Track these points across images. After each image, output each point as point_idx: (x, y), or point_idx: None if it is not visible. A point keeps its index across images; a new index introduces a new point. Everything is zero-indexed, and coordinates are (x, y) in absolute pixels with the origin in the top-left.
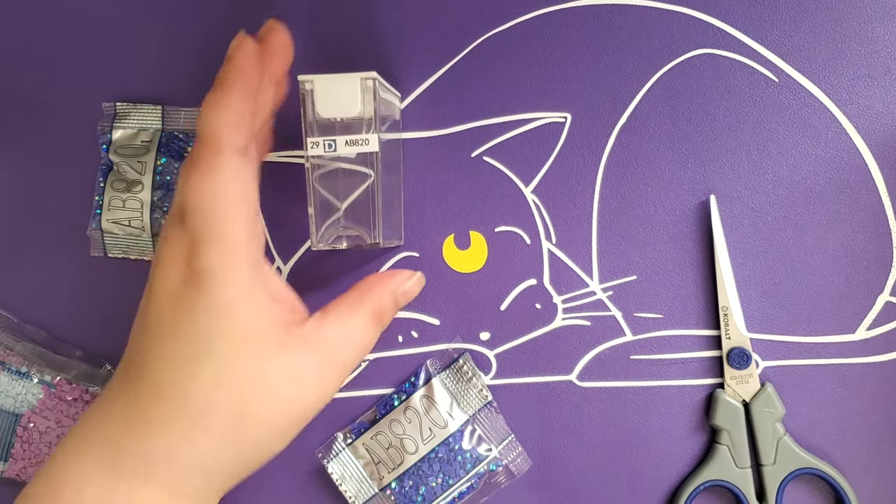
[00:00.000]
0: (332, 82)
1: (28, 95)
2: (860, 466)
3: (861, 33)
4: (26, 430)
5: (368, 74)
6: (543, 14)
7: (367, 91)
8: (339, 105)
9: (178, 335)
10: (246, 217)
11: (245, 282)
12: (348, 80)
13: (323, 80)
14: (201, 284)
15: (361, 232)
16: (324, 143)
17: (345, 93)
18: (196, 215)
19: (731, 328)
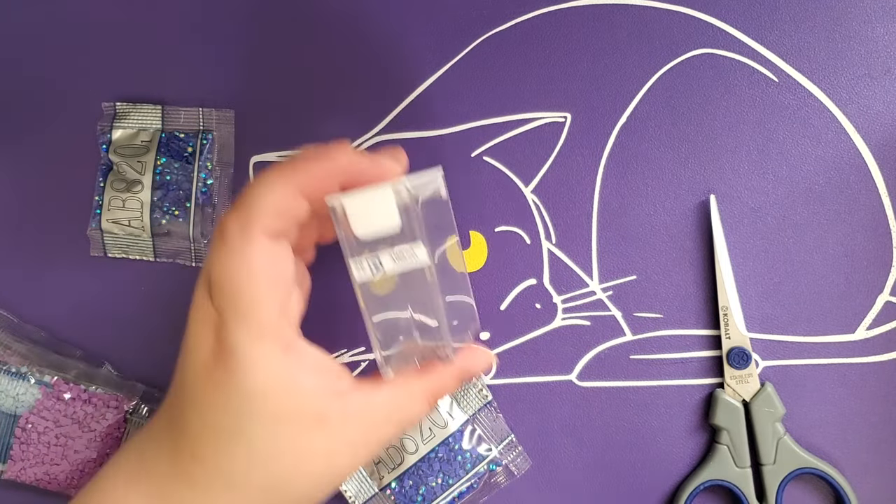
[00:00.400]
0: (362, 200)
1: (28, 95)
2: (860, 466)
3: (861, 33)
4: (25, 431)
5: (398, 184)
6: (543, 14)
7: (402, 199)
8: (376, 222)
9: (213, 408)
10: (274, 300)
11: (275, 363)
12: (379, 195)
13: (352, 200)
14: (229, 365)
15: (432, 345)
16: (369, 263)
17: (378, 208)
18: (221, 293)
19: (730, 328)
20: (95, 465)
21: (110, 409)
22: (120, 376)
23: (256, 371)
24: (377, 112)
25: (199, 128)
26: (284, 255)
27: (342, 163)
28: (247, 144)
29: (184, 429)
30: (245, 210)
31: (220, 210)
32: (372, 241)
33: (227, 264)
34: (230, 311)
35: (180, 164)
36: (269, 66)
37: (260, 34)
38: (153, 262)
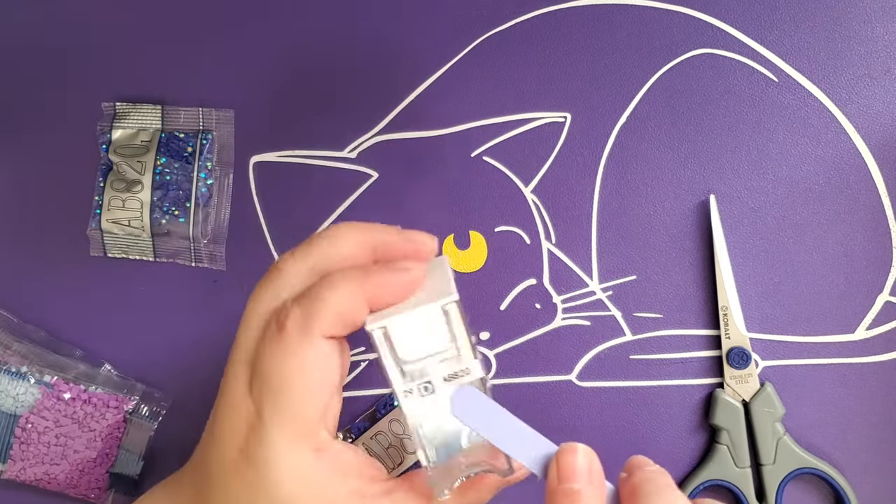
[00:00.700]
0: (410, 321)
1: (28, 95)
2: (860, 466)
3: (861, 33)
4: (24, 431)
5: (446, 300)
6: (543, 14)
7: (451, 317)
8: (422, 343)
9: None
10: (318, 406)
11: (307, 469)
12: (428, 313)
13: (398, 323)
14: (259, 466)
15: (491, 463)
16: (418, 388)
17: (426, 327)
18: (268, 389)
19: (730, 328)
20: (95, 465)
21: (110, 409)
22: (120, 376)
23: (286, 477)
24: (377, 112)
25: (199, 128)
26: (336, 360)
27: (414, 276)
28: (246, 144)
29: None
30: (308, 308)
31: (220, 210)
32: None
33: (281, 362)
34: (270, 409)
35: (180, 164)
36: (269, 66)
37: (260, 34)
38: (153, 261)
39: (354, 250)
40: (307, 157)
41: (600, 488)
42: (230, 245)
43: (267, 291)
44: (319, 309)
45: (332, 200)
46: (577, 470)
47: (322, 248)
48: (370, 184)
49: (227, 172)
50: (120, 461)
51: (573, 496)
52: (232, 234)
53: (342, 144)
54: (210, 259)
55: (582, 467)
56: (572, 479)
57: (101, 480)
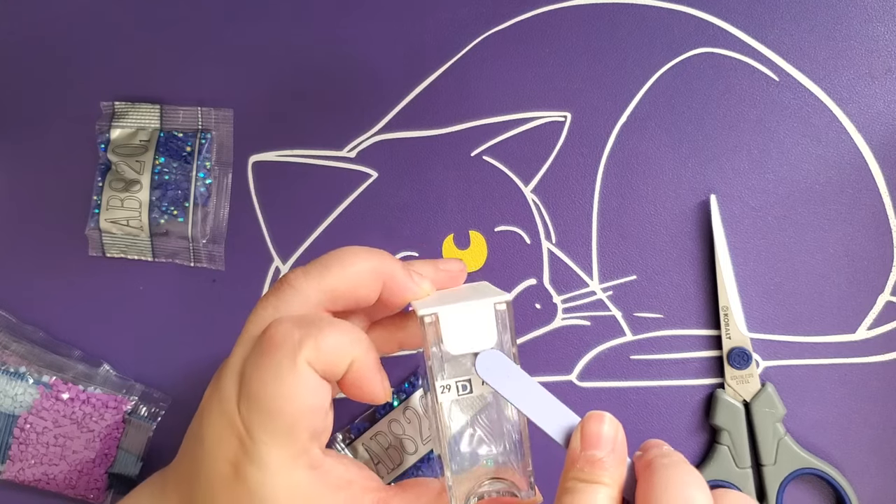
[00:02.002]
0: (461, 314)
1: (27, 95)
2: (861, 466)
3: (861, 32)
4: (23, 431)
5: (501, 298)
6: (543, 13)
7: (502, 317)
8: (470, 339)
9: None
10: (310, 426)
11: (302, 487)
12: (480, 310)
13: (450, 313)
14: (251, 486)
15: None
16: (457, 385)
17: (477, 323)
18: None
19: (731, 328)
20: (94, 466)
21: (109, 410)
22: (118, 376)
23: (280, 496)
24: (376, 111)
25: (198, 127)
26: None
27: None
28: (245, 144)
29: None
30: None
31: (219, 210)
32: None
33: (271, 385)
34: (260, 430)
35: (179, 163)
36: (269, 66)
37: (259, 34)
38: (152, 261)
39: (364, 277)
40: (306, 156)
41: (622, 459)
42: (229, 245)
43: (279, 307)
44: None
45: (331, 200)
46: (603, 438)
47: (333, 271)
48: (370, 183)
49: (226, 172)
50: (119, 462)
51: (596, 464)
52: (231, 233)
53: (341, 144)
54: (209, 259)
55: (607, 436)
56: (597, 447)
57: (99, 481)
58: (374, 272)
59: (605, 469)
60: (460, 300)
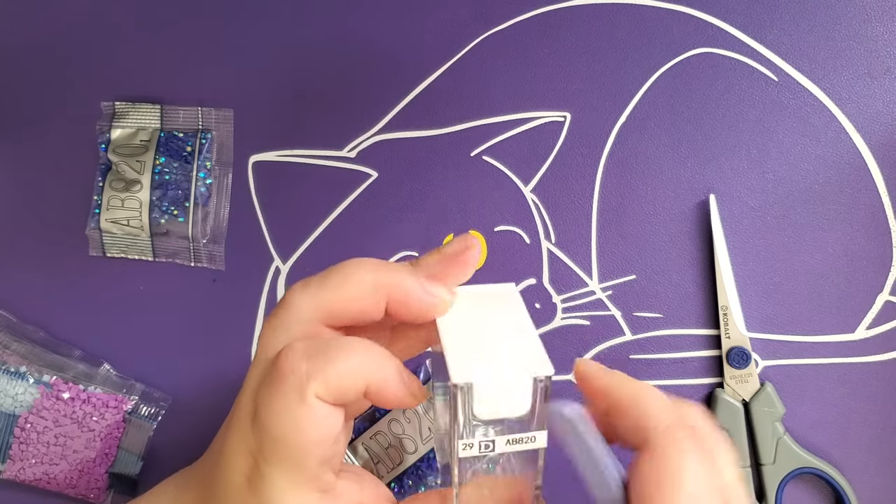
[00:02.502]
0: (497, 380)
1: (27, 95)
2: (860, 466)
3: (860, 32)
4: (24, 431)
5: (543, 371)
6: (542, 13)
7: (540, 389)
8: (502, 406)
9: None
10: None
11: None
12: (518, 380)
13: (485, 378)
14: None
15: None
16: (480, 444)
17: (512, 392)
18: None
19: (730, 327)
20: (94, 465)
21: (109, 409)
22: (119, 376)
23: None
24: (376, 111)
25: (198, 127)
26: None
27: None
28: (246, 144)
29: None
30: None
31: (219, 209)
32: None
33: (278, 414)
34: (269, 453)
35: (179, 163)
36: (269, 66)
37: (259, 34)
38: (152, 261)
39: (363, 292)
40: (306, 156)
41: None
42: (229, 245)
43: (277, 328)
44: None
45: (331, 200)
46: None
47: (330, 286)
48: (370, 183)
49: (227, 172)
50: (119, 461)
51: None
52: (231, 233)
53: (342, 144)
54: (209, 259)
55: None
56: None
57: (100, 480)
58: (375, 286)
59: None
60: (493, 352)
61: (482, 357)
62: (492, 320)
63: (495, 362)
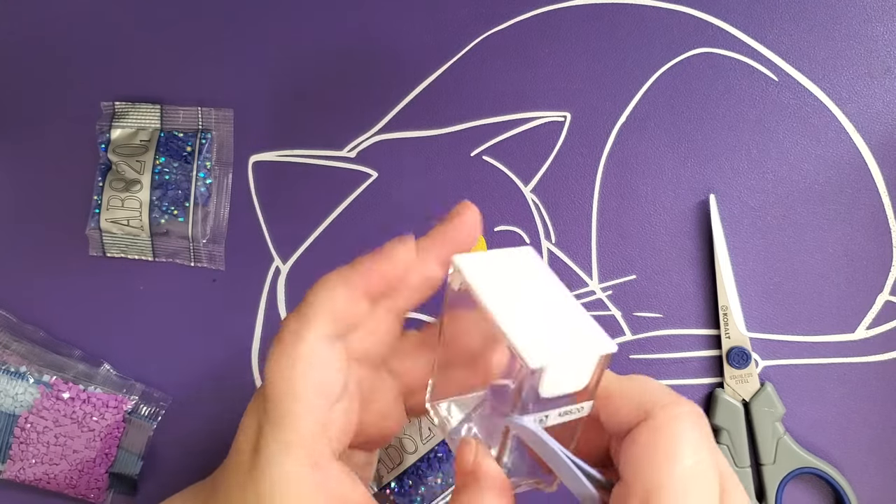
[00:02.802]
0: (568, 361)
1: (27, 95)
2: (860, 466)
3: (860, 32)
4: (24, 431)
5: (608, 349)
6: (542, 13)
7: (601, 365)
8: (565, 383)
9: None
10: (311, 413)
11: (298, 482)
12: (586, 357)
13: (558, 360)
14: (255, 473)
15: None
16: (534, 418)
17: (576, 369)
18: (265, 398)
19: (730, 327)
20: (94, 465)
21: (109, 409)
22: (119, 376)
23: (276, 487)
24: (376, 111)
25: (198, 127)
26: (334, 365)
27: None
28: (246, 144)
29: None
30: (305, 313)
31: (219, 209)
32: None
33: (274, 369)
34: (267, 418)
35: (179, 163)
36: (269, 66)
37: (259, 34)
38: (152, 261)
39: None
40: (306, 156)
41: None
42: (229, 245)
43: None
44: (309, 312)
45: (331, 200)
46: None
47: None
48: (370, 183)
49: (227, 172)
50: (119, 461)
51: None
52: (231, 233)
53: (341, 144)
54: (209, 259)
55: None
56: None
57: (100, 480)
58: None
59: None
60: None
61: (546, 338)
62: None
63: (561, 343)
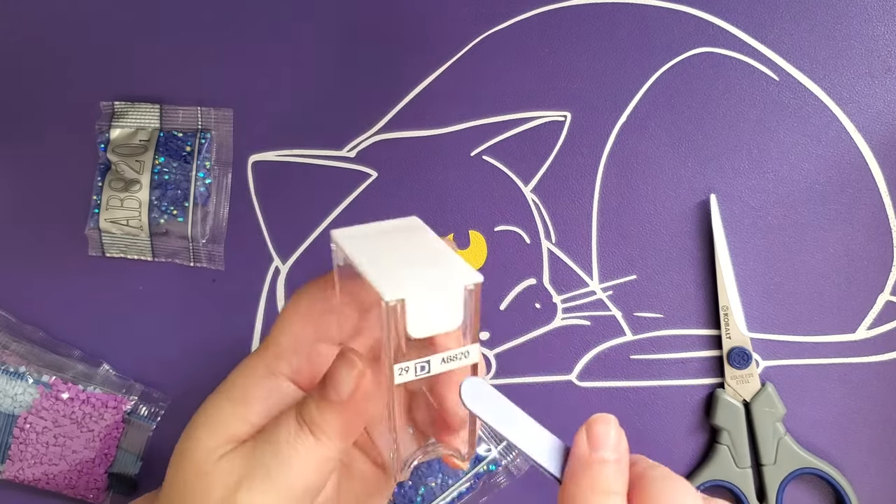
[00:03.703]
0: (430, 297)
1: (27, 95)
2: (860, 466)
3: (861, 32)
4: (23, 431)
5: (472, 279)
6: (542, 12)
7: (471, 298)
8: (435, 321)
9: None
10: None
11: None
12: (449, 291)
13: (417, 296)
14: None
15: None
16: (415, 366)
17: (444, 305)
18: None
19: (731, 328)
20: (93, 466)
21: (108, 409)
22: (118, 376)
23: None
24: (376, 111)
25: (198, 127)
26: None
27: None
28: (245, 143)
29: None
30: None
31: (218, 209)
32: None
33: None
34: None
35: (178, 163)
36: (269, 66)
37: (258, 34)
38: (151, 261)
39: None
40: (306, 156)
41: (627, 464)
42: (229, 245)
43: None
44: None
45: (331, 200)
46: (612, 439)
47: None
48: (369, 183)
49: (226, 172)
50: (118, 461)
51: (606, 466)
52: (230, 233)
53: (341, 143)
54: (208, 259)
55: (616, 437)
56: (605, 448)
57: (99, 481)
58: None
59: (618, 473)
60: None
61: (407, 275)
62: (405, 247)
63: (422, 278)
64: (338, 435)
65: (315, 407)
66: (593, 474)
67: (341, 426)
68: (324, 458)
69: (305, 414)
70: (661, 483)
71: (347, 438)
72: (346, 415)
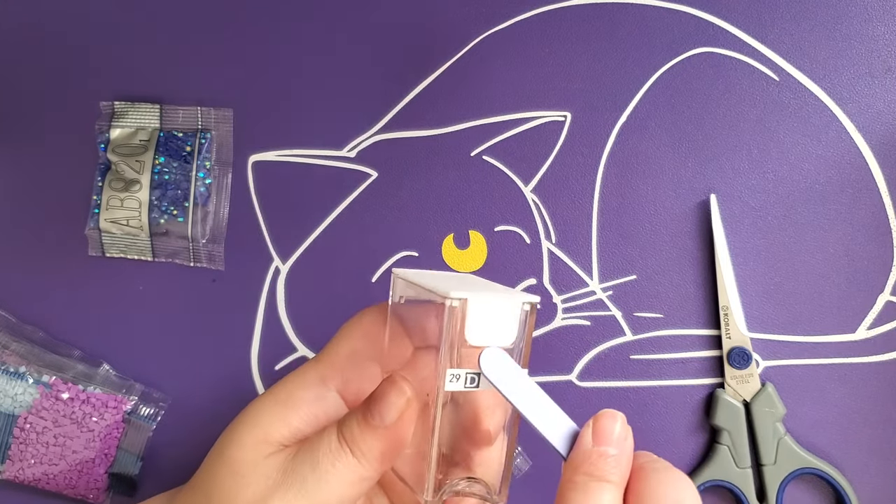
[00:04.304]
0: (490, 304)
1: (27, 95)
2: (860, 466)
3: (861, 32)
4: (23, 431)
5: (531, 298)
6: (542, 13)
7: (527, 318)
8: (491, 331)
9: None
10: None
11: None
12: (509, 304)
13: (479, 301)
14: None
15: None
16: (467, 376)
17: (502, 317)
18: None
19: (731, 328)
20: (93, 466)
21: (108, 409)
22: (118, 376)
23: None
24: (376, 111)
25: (198, 127)
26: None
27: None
28: (245, 143)
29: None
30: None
31: (219, 209)
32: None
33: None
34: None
35: (179, 163)
36: (269, 66)
37: (259, 34)
38: (151, 261)
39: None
40: (306, 156)
41: (630, 460)
42: (229, 245)
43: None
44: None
45: (331, 200)
46: (616, 436)
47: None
48: (369, 183)
49: (226, 172)
50: (118, 461)
51: (608, 460)
52: (231, 233)
53: (341, 143)
54: (209, 259)
55: (620, 435)
56: (609, 443)
57: (99, 481)
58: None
59: (616, 467)
60: (477, 289)
61: (469, 289)
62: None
63: (483, 291)
64: (377, 459)
65: (357, 427)
66: (592, 466)
67: (381, 451)
68: (360, 476)
69: (347, 432)
70: (660, 474)
71: (386, 463)
72: (387, 440)
